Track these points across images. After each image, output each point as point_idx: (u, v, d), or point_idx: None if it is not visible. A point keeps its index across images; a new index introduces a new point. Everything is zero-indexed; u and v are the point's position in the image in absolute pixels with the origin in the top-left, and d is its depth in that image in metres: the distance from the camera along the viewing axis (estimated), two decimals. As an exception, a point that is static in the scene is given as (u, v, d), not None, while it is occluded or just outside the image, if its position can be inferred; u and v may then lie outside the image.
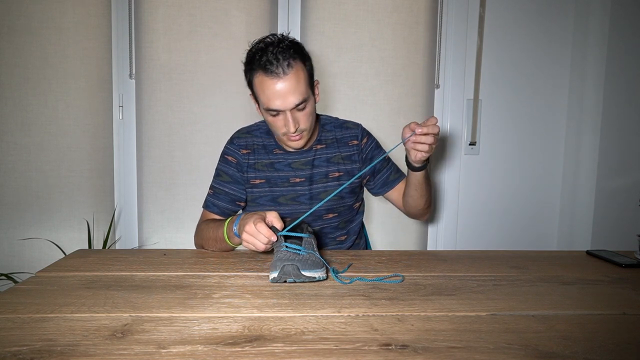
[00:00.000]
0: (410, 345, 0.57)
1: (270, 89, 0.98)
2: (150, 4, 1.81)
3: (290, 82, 0.98)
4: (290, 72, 0.98)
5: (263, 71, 0.98)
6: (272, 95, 0.99)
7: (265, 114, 1.05)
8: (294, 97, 0.99)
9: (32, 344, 0.55)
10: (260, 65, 0.98)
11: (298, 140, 1.07)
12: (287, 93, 0.98)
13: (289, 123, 1.01)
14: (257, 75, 1.01)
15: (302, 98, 1.00)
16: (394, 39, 1.91)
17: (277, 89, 0.98)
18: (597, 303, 0.74)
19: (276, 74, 0.97)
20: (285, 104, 0.99)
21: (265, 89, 0.99)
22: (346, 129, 1.21)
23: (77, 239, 1.86)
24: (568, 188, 2.01)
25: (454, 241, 2.01)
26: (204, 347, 0.55)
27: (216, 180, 1.19)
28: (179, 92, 1.85)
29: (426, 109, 1.97)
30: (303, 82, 1.01)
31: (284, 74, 0.98)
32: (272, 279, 0.79)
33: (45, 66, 1.79)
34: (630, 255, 1.04)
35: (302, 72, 1.01)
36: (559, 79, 2.00)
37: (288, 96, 0.98)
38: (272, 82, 0.98)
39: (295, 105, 1.00)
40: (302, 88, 1.00)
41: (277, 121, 1.03)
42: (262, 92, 1.00)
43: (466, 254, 1.05)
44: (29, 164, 1.82)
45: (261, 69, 0.99)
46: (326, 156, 1.17)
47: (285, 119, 1.02)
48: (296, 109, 1.01)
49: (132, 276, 0.83)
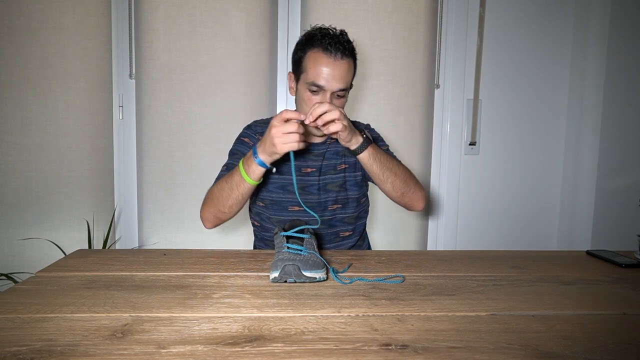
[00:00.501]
0: (410, 345, 0.57)
1: (323, 65, 1.04)
2: (150, 4, 1.81)
3: (342, 68, 1.05)
4: (345, 60, 1.06)
5: (322, 49, 1.05)
6: (323, 72, 1.05)
7: (304, 90, 1.08)
8: (340, 82, 1.05)
9: (32, 344, 0.55)
10: (322, 44, 1.05)
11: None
12: (336, 76, 1.05)
13: None
14: (313, 51, 1.06)
15: (345, 86, 1.07)
16: (394, 39, 1.91)
17: (329, 67, 1.04)
18: (597, 303, 0.74)
19: (334, 55, 1.04)
20: (330, 85, 1.05)
21: (318, 65, 1.05)
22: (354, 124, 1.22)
23: (77, 239, 1.86)
24: (568, 188, 2.01)
25: (454, 241, 2.01)
26: (204, 347, 0.55)
27: (231, 158, 1.19)
28: (179, 92, 1.85)
29: (426, 109, 1.97)
30: (350, 75, 1.09)
31: (340, 59, 1.05)
32: (272, 278, 0.80)
33: (45, 66, 1.79)
34: (630, 255, 1.04)
35: (352, 68, 1.10)
36: (559, 79, 2.00)
37: (335, 79, 1.05)
38: (327, 61, 1.04)
39: (338, 90, 1.06)
40: (348, 79, 1.08)
41: (314, 99, 1.07)
42: (314, 67, 1.05)
43: (466, 254, 1.05)
44: (29, 164, 1.82)
45: (321, 47, 1.05)
46: (335, 149, 1.20)
47: (323, 100, 1.06)
48: (336, 94, 1.07)
49: (132, 276, 0.83)
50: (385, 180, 1.10)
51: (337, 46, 1.04)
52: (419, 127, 1.97)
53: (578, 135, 1.95)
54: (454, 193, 1.99)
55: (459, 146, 1.97)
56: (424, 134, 1.98)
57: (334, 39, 1.05)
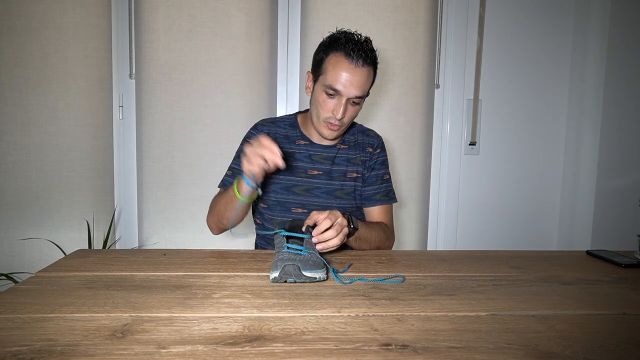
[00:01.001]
0: (410, 345, 0.57)
1: (344, 70, 1.04)
2: (150, 4, 1.81)
3: (362, 76, 1.05)
4: (365, 68, 1.06)
5: (344, 53, 1.04)
6: (342, 77, 1.05)
7: (321, 92, 1.08)
8: (358, 89, 1.06)
9: (32, 344, 0.55)
10: (345, 48, 1.04)
11: (335, 130, 1.11)
12: (355, 82, 1.05)
13: (339, 109, 1.06)
14: (335, 55, 1.06)
15: (362, 94, 1.07)
16: (394, 39, 1.91)
17: (349, 73, 1.04)
18: (597, 303, 0.74)
19: (355, 61, 1.04)
20: (348, 91, 1.05)
21: (338, 69, 1.05)
22: (367, 136, 1.25)
23: (77, 239, 1.86)
24: (568, 188, 2.01)
25: (454, 241, 2.01)
26: (204, 347, 0.55)
27: (236, 161, 1.20)
28: (179, 92, 1.85)
29: (426, 109, 1.97)
30: (368, 83, 1.09)
31: (361, 66, 1.05)
32: (272, 278, 0.80)
33: (45, 66, 1.79)
34: (630, 255, 1.04)
35: (371, 76, 1.10)
36: (559, 79, 2.00)
37: (354, 85, 1.05)
38: (348, 66, 1.04)
39: (354, 96, 1.06)
40: (366, 87, 1.08)
41: (329, 103, 1.08)
42: (333, 70, 1.05)
43: (466, 254, 1.05)
44: (29, 164, 1.82)
45: (344, 51, 1.05)
46: (347, 156, 1.20)
47: (338, 104, 1.07)
48: (351, 101, 1.08)
49: (132, 276, 0.83)
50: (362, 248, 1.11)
51: (360, 53, 1.04)
52: (419, 127, 1.97)
53: (578, 135, 1.95)
54: (453, 193, 1.99)
55: (459, 146, 1.97)
56: (424, 134, 1.98)
57: (357, 45, 1.04)
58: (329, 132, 1.12)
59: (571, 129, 1.99)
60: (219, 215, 1.11)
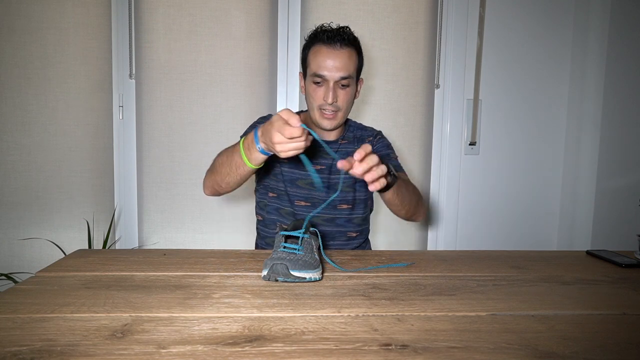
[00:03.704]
0: (410, 345, 0.57)
1: (323, 56, 1.08)
2: (150, 4, 1.81)
3: (343, 57, 1.08)
4: (345, 49, 1.08)
5: (322, 42, 1.09)
6: (323, 62, 1.08)
7: (310, 84, 1.11)
8: (341, 70, 1.08)
9: (32, 344, 0.55)
10: (322, 37, 1.09)
11: (331, 119, 1.12)
12: (337, 64, 1.07)
13: (328, 94, 1.08)
14: (314, 46, 1.10)
15: (346, 74, 1.08)
16: (394, 39, 1.91)
17: (329, 57, 1.08)
18: (597, 303, 0.74)
19: (333, 46, 1.08)
20: (332, 74, 1.07)
21: (318, 56, 1.09)
22: (365, 130, 1.28)
23: (77, 239, 1.86)
24: (568, 188, 2.01)
25: (454, 241, 2.01)
26: (204, 347, 0.55)
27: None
28: (179, 92, 1.85)
29: (426, 109, 1.97)
30: (353, 64, 1.10)
31: (340, 48, 1.08)
32: (263, 276, 0.80)
33: (45, 66, 1.79)
34: (630, 255, 1.04)
35: (355, 57, 1.11)
36: (559, 79, 2.00)
37: (336, 67, 1.07)
38: (327, 51, 1.08)
39: (340, 78, 1.08)
40: (351, 67, 1.09)
41: (319, 91, 1.10)
42: (315, 59, 1.09)
43: (466, 254, 1.05)
44: (29, 164, 1.82)
45: (321, 41, 1.09)
46: (346, 150, 1.21)
47: (327, 90, 1.08)
48: (339, 84, 1.09)
49: (132, 276, 0.83)
50: (397, 209, 1.10)
51: (336, 37, 1.07)
52: (419, 127, 1.97)
53: (578, 135, 1.95)
54: (454, 193, 1.99)
55: (459, 146, 1.97)
56: (424, 134, 1.98)
57: (333, 31, 1.09)
58: (327, 122, 1.13)
59: (571, 129, 1.99)
60: (218, 176, 1.04)
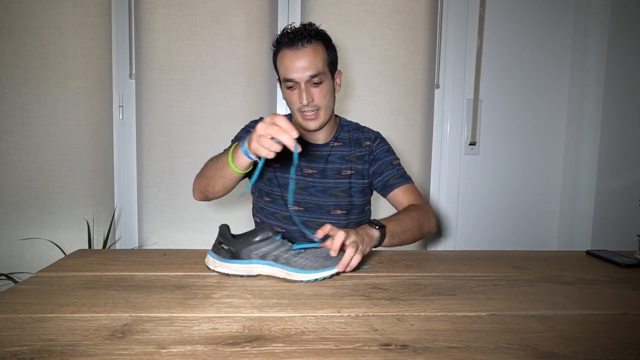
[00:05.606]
0: (410, 345, 0.57)
1: (288, 59, 1.06)
2: (150, 4, 1.81)
3: (308, 55, 1.05)
4: (309, 47, 1.06)
5: (285, 45, 1.07)
6: (289, 65, 1.06)
7: (285, 89, 1.11)
8: (308, 69, 1.05)
9: (32, 344, 0.55)
10: (284, 42, 1.07)
11: (313, 119, 1.10)
12: (303, 64, 1.05)
13: (302, 95, 1.06)
14: (280, 52, 1.09)
15: (316, 71, 1.06)
16: (394, 39, 1.91)
17: (294, 59, 1.05)
18: (597, 303, 0.74)
19: (295, 46, 1.05)
20: (300, 75, 1.05)
21: (284, 60, 1.07)
22: (362, 132, 1.25)
23: (77, 239, 1.86)
24: (568, 188, 2.01)
25: (454, 241, 2.01)
26: (204, 347, 0.55)
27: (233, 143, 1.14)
28: (179, 92, 1.85)
29: (426, 109, 1.97)
30: (320, 59, 1.07)
31: (302, 47, 1.05)
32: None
33: (45, 66, 1.79)
34: (630, 255, 1.04)
35: (321, 51, 1.08)
36: (559, 79, 2.00)
37: (303, 67, 1.05)
38: (291, 53, 1.06)
39: (309, 77, 1.06)
40: (319, 64, 1.06)
41: (293, 95, 1.09)
42: (282, 64, 1.08)
43: (466, 254, 1.05)
44: (29, 164, 1.82)
45: (284, 44, 1.07)
46: (341, 154, 1.20)
47: (300, 91, 1.07)
48: (311, 83, 1.07)
49: (132, 276, 0.83)
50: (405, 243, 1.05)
51: (297, 37, 1.05)
52: (419, 127, 1.97)
53: (578, 135, 1.95)
54: (454, 193, 1.99)
55: (459, 146, 1.97)
56: (424, 134, 1.98)
57: (294, 32, 1.06)
58: (311, 123, 1.10)
59: (571, 129, 1.99)
60: (206, 180, 1.04)
